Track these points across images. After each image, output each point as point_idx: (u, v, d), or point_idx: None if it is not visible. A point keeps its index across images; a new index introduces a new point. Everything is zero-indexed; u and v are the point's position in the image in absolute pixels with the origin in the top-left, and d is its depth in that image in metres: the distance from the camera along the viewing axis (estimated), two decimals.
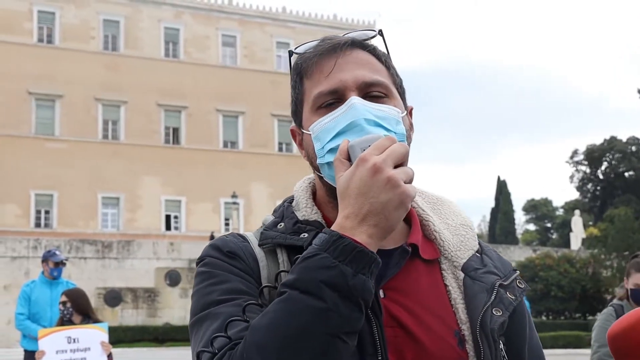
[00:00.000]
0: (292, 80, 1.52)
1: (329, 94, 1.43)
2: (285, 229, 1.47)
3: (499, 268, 1.53)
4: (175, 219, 48.22)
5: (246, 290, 1.37)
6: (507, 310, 1.46)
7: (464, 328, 1.43)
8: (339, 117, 1.39)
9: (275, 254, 1.45)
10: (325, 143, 1.40)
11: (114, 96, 47.34)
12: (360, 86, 1.43)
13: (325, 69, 1.45)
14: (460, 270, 1.50)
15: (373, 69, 1.46)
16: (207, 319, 1.36)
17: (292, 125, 1.57)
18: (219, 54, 51.08)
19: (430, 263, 1.49)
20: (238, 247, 1.45)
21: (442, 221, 1.56)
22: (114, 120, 47.86)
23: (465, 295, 1.46)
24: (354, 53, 1.46)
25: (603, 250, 37.12)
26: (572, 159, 71.37)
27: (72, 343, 6.84)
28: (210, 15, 51.04)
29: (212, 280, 1.40)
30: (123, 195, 46.83)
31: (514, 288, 1.51)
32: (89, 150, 46.22)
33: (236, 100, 50.27)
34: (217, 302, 1.36)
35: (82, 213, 45.32)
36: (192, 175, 48.13)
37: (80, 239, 36.74)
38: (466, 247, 1.53)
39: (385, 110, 1.41)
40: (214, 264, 1.43)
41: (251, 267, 1.42)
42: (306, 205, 1.51)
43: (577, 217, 53.80)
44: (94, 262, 35.33)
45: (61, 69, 46.05)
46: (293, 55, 1.53)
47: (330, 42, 1.47)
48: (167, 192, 47.93)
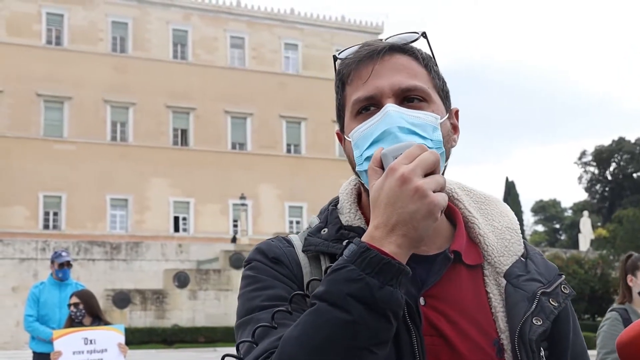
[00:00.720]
0: (336, 86, 1.53)
1: (365, 100, 1.43)
2: (329, 236, 1.48)
3: (542, 274, 1.51)
4: (183, 220, 48.27)
5: (288, 297, 1.37)
6: (547, 319, 1.44)
7: (503, 337, 1.42)
8: (375, 125, 1.39)
9: (319, 260, 1.46)
10: (363, 150, 1.40)
11: (122, 98, 47.43)
12: (397, 92, 1.42)
13: (363, 75, 1.45)
14: (503, 276, 1.48)
15: (411, 73, 1.45)
16: (250, 323, 1.37)
17: (337, 130, 1.57)
18: (227, 56, 51.12)
19: (473, 268, 1.48)
20: (282, 252, 1.47)
21: (488, 223, 1.55)
22: (123, 122, 47.94)
23: (506, 304, 1.45)
24: (392, 58, 1.46)
25: (612, 251, 37.01)
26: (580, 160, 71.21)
27: (88, 344, 6.85)
28: (218, 16, 51.09)
29: (257, 285, 1.43)
30: (131, 197, 46.90)
31: (558, 294, 1.49)
32: (98, 151, 46.31)
33: (244, 101, 50.30)
34: (260, 308, 1.38)
35: (90, 215, 45.41)
36: (201, 176, 48.17)
37: (89, 241, 36.81)
38: (510, 252, 1.51)
39: (421, 117, 1.40)
40: (259, 268, 1.45)
41: (295, 274, 1.44)
42: (350, 210, 1.52)
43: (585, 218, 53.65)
44: (102, 264, 35.40)
45: (69, 71, 46.17)
46: (337, 60, 1.53)
47: (368, 48, 1.47)
48: (176, 193, 47.99)
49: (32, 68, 45.40)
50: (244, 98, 50.27)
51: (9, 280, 32.74)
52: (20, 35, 46.04)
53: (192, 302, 31.53)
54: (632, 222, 36.75)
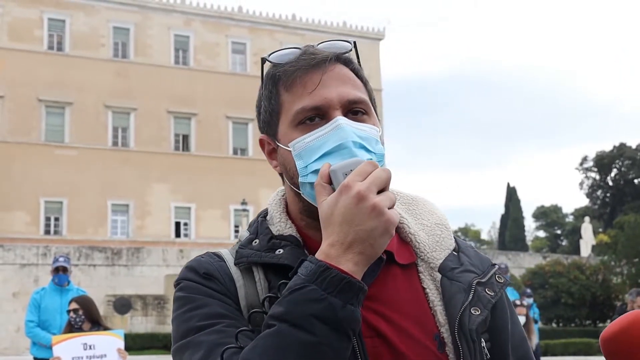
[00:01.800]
0: (267, 90, 1.50)
1: (311, 110, 1.40)
2: (260, 246, 1.45)
3: (476, 265, 1.51)
4: (184, 225, 48.28)
5: (226, 314, 1.35)
6: (485, 308, 1.44)
7: (443, 331, 1.42)
8: (324, 137, 1.37)
9: (252, 272, 1.43)
10: (310, 163, 1.38)
11: (123, 103, 47.48)
12: (344, 104, 1.41)
13: (309, 84, 1.42)
14: (437, 271, 1.48)
15: (354, 85, 1.44)
16: (189, 347, 1.33)
17: (261, 134, 1.54)
18: (229, 61, 51.19)
19: (407, 267, 1.48)
20: (214, 267, 1.43)
21: (418, 222, 1.55)
22: (124, 128, 47.99)
23: (443, 297, 1.44)
24: (337, 69, 1.44)
25: (613, 257, 36.99)
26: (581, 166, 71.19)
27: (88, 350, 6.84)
28: (220, 22, 51.18)
29: (190, 305, 1.38)
30: (132, 202, 46.92)
31: (493, 284, 1.49)
32: (99, 157, 46.35)
33: (246, 107, 50.30)
34: (197, 329, 1.33)
35: (91, 220, 45.42)
36: (202, 182, 48.20)
37: (90, 246, 36.80)
38: (442, 247, 1.51)
39: (366, 130, 1.39)
40: (190, 287, 1.41)
41: (228, 288, 1.41)
42: (280, 220, 1.50)
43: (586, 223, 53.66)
44: (103, 269, 35.38)
45: (71, 76, 46.24)
46: (266, 62, 1.51)
47: (314, 57, 1.43)
48: (177, 199, 48.00)
49: (34, 73, 45.47)
50: (246, 103, 50.27)
51: (9, 286, 32.71)
52: (22, 40, 46.12)
53: None
54: (633, 228, 36.70)
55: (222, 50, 51.03)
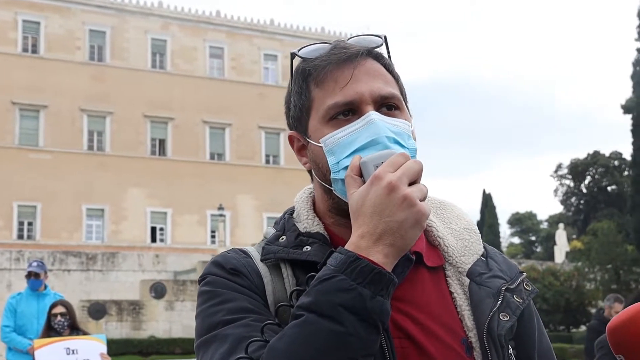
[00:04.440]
0: (297, 86, 1.47)
1: (344, 105, 1.39)
2: (287, 243, 1.44)
3: (504, 271, 1.50)
4: (160, 231, 48.00)
5: (252, 309, 1.34)
6: (514, 314, 1.43)
7: (471, 335, 1.41)
8: (356, 133, 1.36)
9: (279, 268, 1.42)
10: (342, 159, 1.37)
11: (99, 107, 47.13)
12: (377, 99, 1.40)
13: (340, 79, 1.40)
14: (466, 275, 1.47)
15: (386, 80, 1.43)
16: (214, 341, 1.31)
17: (291, 131, 1.52)
18: (207, 66, 51.03)
19: (435, 270, 1.47)
20: (240, 263, 1.42)
21: (446, 226, 1.54)
22: (100, 132, 47.63)
23: (471, 302, 1.43)
24: (367, 63, 1.43)
25: (587, 263, 37.27)
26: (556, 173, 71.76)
27: (71, 354, 6.75)
28: (197, 26, 51.00)
29: (216, 299, 1.36)
30: (108, 207, 46.57)
31: (521, 291, 1.48)
32: (74, 161, 45.97)
33: (223, 112, 50.21)
34: (224, 323, 1.32)
35: (66, 225, 45.03)
36: (178, 187, 47.96)
37: (64, 251, 36.50)
38: (470, 251, 1.51)
39: (399, 125, 1.39)
40: (216, 282, 1.39)
41: (255, 284, 1.39)
42: (307, 217, 1.49)
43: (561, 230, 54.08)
44: (77, 275, 35.12)
45: (46, 79, 45.83)
46: (295, 57, 1.48)
47: (345, 52, 1.42)
48: (153, 203, 47.72)
49: (8, 76, 45.01)
50: (223, 108, 50.19)
51: None
52: None
53: (168, 313, 31.34)
54: (606, 234, 37.04)
55: (200, 55, 50.86)
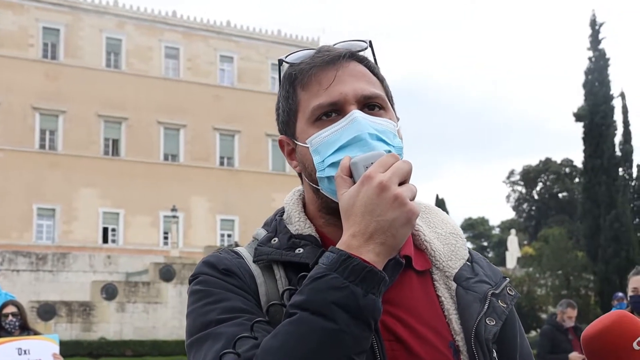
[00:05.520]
0: (284, 90, 1.50)
1: (328, 106, 1.42)
2: (280, 245, 1.45)
3: (490, 276, 1.53)
4: (112, 231, 47.48)
5: (246, 309, 1.34)
6: (500, 319, 1.46)
7: (458, 339, 1.43)
8: (340, 131, 1.39)
9: (272, 270, 1.43)
10: (327, 157, 1.40)
11: (52, 105, 46.48)
12: (360, 99, 1.43)
13: (324, 81, 1.44)
14: (452, 280, 1.49)
15: (369, 81, 1.46)
16: (207, 339, 1.31)
17: (281, 135, 1.54)
18: (162, 66, 50.65)
19: (422, 274, 1.49)
20: (233, 264, 1.43)
21: (432, 230, 1.56)
22: (52, 130, 46.96)
23: (458, 306, 1.46)
24: (351, 65, 1.46)
25: (538, 269, 37.81)
26: (508, 179, 72.72)
27: (23, 354, 6.60)
28: (153, 26, 50.60)
29: (209, 299, 1.37)
30: (59, 207, 45.92)
31: (505, 296, 1.51)
32: (25, 160, 45.24)
33: (178, 113, 49.88)
34: (217, 322, 1.32)
35: (16, 224, 44.27)
36: (132, 187, 47.51)
37: (14, 251, 35.91)
38: (457, 256, 1.53)
39: (383, 124, 1.42)
40: (209, 281, 1.40)
41: (248, 284, 1.40)
42: (299, 219, 1.50)
43: (512, 236, 54.72)
44: (27, 275, 34.57)
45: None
46: (283, 64, 1.51)
47: (329, 54, 1.46)
48: (105, 204, 47.19)
49: None
50: (178, 109, 49.86)
51: None
52: None
53: (120, 314, 31.01)
54: (557, 240, 37.63)
55: (155, 55, 50.46)
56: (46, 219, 45.82)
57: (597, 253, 37.24)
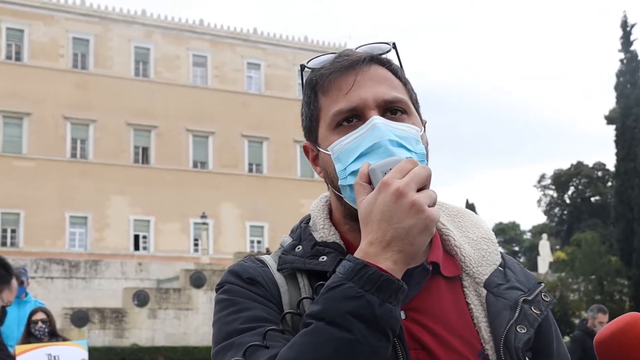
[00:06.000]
0: (306, 96, 1.49)
1: (348, 111, 1.40)
2: (304, 253, 1.44)
3: (522, 282, 1.49)
4: (143, 239, 47.80)
5: (269, 318, 1.34)
6: (532, 326, 1.42)
7: (488, 347, 1.39)
8: (361, 138, 1.36)
9: (295, 278, 1.42)
10: (348, 165, 1.37)
11: (83, 115, 46.96)
12: (380, 104, 1.40)
13: (343, 86, 1.41)
14: (483, 286, 1.46)
15: (391, 85, 1.43)
16: (231, 349, 1.31)
17: (305, 142, 1.52)
18: (190, 74, 50.97)
19: (451, 280, 1.46)
20: (257, 272, 1.42)
21: (463, 235, 1.53)
22: (83, 139, 47.44)
23: (488, 313, 1.42)
24: (372, 69, 1.43)
25: (570, 274, 37.44)
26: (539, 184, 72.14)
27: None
28: (181, 35, 50.95)
29: (233, 308, 1.37)
30: (91, 215, 46.34)
31: (539, 302, 1.48)
32: (57, 169, 45.74)
33: (206, 120, 50.14)
34: (240, 331, 1.32)
35: (49, 232, 44.75)
36: (161, 195, 47.82)
37: (47, 259, 36.31)
38: (488, 262, 1.49)
39: (405, 130, 1.39)
40: (234, 290, 1.40)
41: (272, 293, 1.39)
42: (323, 227, 1.48)
43: (544, 240, 54.28)
44: (60, 282, 34.92)
45: (29, 87, 45.62)
46: (305, 69, 1.49)
47: (348, 59, 1.43)
48: (136, 211, 47.54)
49: None
50: (206, 117, 50.12)
51: None
52: None
53: (151, 321, 31.18)
54: (589, 245, 37.23)
55: (183, 63, 50.80)
56: (78, 227, 46.26)
57: (631, 257, 36.83)
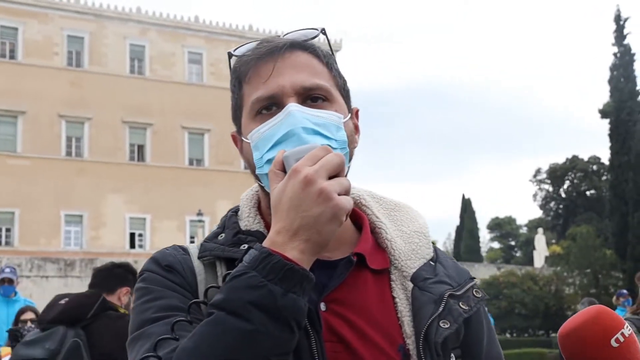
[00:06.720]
0: (232, 85, 1.47)
1: (266, 99, 1.38)
2: (225, 240, 1.42)
3: (452, 277, 1.46)
4: (139, 237, 47.78)
5: (182, 307, 1.31)
6: (455, 322, 1.39)
7: (409, 342, 1.37)
8: (277, 126, 1.34)
9: (215, 266, 1.39)
10: (264, 153, 1.36)
11: (78, 113, 46.89)
12: (299, 91, 1.37)
13: (263, 73, 1.39)
14: (410, 280, 1.43)
15: (313, 71, 1.41)
16: (140, 339, 1.29)
17: (232, 132, 1.50)
18: (185, 71, 50.91)
19: (379, 273, 1.43)
20: (177, 260, 1.40)
21: (397, 228, 1.51)
22: (78, 137, 47.36)
23: (412, 307, 1.39)
24: (293, 55, 1.41)
25: (566, 267, 37.55)
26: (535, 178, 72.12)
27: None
28: (176, 32, 50.88)
29: (148, 296, 1.34)
30: (87, 213, 46.30)
31: (469, 298, 1.44)
32: (52, 167, 45.68)
33: (202, 117, 50.10)
34: (152, 320, 1.30)
35: (44, 231, 44.71)
36: (157, 192, 47.79)
37: (42, 257, 36.20)
38: (418, 255, 1.47)
39: (324, 117, 1.36)
40: (151, 279, 1.37)
41: (189, 282, 1.37)
42: (249, 215, 1.47)
43: (540, 235, 54.36)
44: (56, 281, 34.82)
45: (24, 85, 45.51)
46: (232, 57, 1.47)
47: (268, 45, 1.41)
48: (132, 209, 47.51)
49: None
50: (202, 114, 50.06)
51: None
52: None
53: None
54: (585, 239, 37.31)
55: (178, 60, 50.74)
56: (74, 225, 46.21)
57: (626, 250, 36.93)
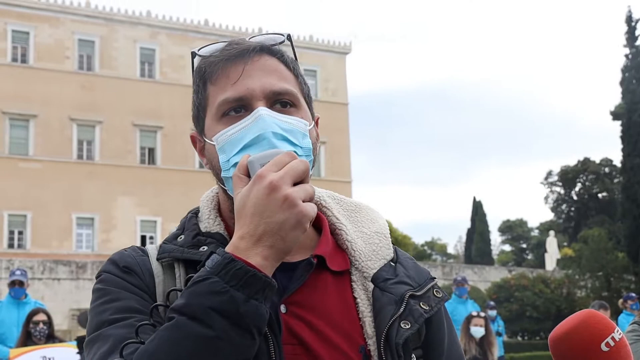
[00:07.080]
0: (195, 84, 1.45)
1: (234, 101, 1.37)
2: (184, 242, 1.40)
3: (412, 277, 1.46)
4: (150, 239, 47.90)
5: (139, 309, 1.30)
6: (416, 322, 1.39)
7: (370, 343, 1.37)
8: (246, 129, 1.34)
9: (174, 268, 1.38)
10: (231, 156, 1.34)
11: (89, 116, 47.09)
12: (268, 95, 1.37)
13: (232, 75, 1.38)
14: (370, 281, 1.43)
15: (281, 76, 1.41)
16: (97, 340, 1.28)
17: (192, 131, 1.49)
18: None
19: (340, 275, 1.43)
20: (135, 261, 1.39)
21: (357, 229, 1.51)
22: (89, 140, 47.59)
23: (374, 308, 1.39)
24: (262, 59, 1.40)
25: (577, 270, 37.35)
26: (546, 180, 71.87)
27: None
28: (185, 35, 51.03)
29: (105, 298, 1.33)
30: (98, 216, 46.48)
31: (430, 298, 1.44)
32: (64, 170, 45.89)
33: None
34: (109, 322, 1.29)
35: (56, 234, 44.90)
36: (168, 195, 47.92)
37: (54, 260, 36.35)
38: (378, 256, 1.47)
39: (292, 123, 1.36)
40: (109, 280, 1.36)
41: (146, 283, 1.36)
42: (209, 217, 1.45)
43: (551, 237, 54.12)
44: (68, 283, 34.96)
45: (35, 89, 45.76)
46: (196, 57, 1.46)
47: (237, 47, 1.40)
48: (143, 212, 47.65)
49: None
50: None
51: None
52: None
53: None
54: (597, 241, 37.10)
55: (188, 63, 49.93)
56: (85, 228, 46.40)
57: (638, 253, 36.71)
